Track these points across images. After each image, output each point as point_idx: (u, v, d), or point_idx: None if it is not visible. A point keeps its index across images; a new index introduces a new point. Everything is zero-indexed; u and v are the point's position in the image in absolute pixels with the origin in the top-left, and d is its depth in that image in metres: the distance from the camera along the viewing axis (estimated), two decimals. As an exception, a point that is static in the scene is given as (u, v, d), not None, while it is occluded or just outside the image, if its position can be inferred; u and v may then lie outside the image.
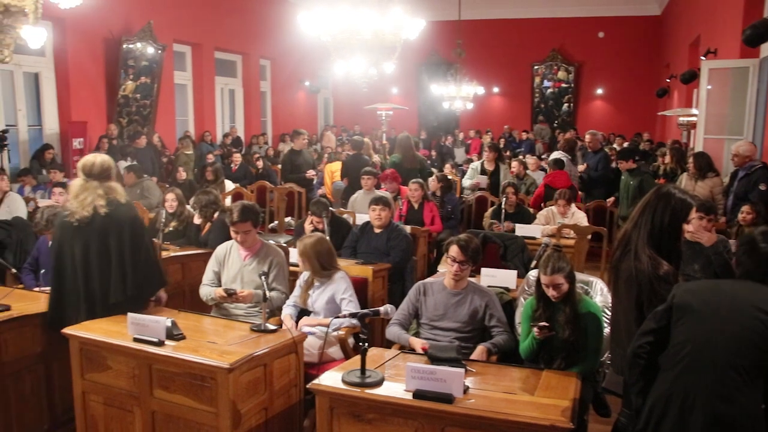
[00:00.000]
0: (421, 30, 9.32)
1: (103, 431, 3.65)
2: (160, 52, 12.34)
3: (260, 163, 11.36)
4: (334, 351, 4.19)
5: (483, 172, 8.96)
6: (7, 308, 3.97)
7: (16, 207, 7.04)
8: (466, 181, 9.12)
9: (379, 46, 9.27)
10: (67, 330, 3.67)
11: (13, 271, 4.63)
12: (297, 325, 4.28)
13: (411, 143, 9.22)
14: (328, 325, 3.77)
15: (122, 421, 3.55)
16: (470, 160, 13.15)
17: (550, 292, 3.61)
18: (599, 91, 19.93)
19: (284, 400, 3.63)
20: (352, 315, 3.36)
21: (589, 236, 6.41)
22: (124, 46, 11.60)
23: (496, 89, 20.49)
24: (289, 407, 3.69)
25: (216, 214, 6.05)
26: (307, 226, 6.04)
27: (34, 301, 4.31)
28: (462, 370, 2.92)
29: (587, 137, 9.93)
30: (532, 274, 4.30)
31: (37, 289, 4.89)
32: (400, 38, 9.19)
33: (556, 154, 8.74)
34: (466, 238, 4.04)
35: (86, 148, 11.02)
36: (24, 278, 5.15)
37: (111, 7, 10.90)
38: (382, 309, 3.28)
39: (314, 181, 9.40)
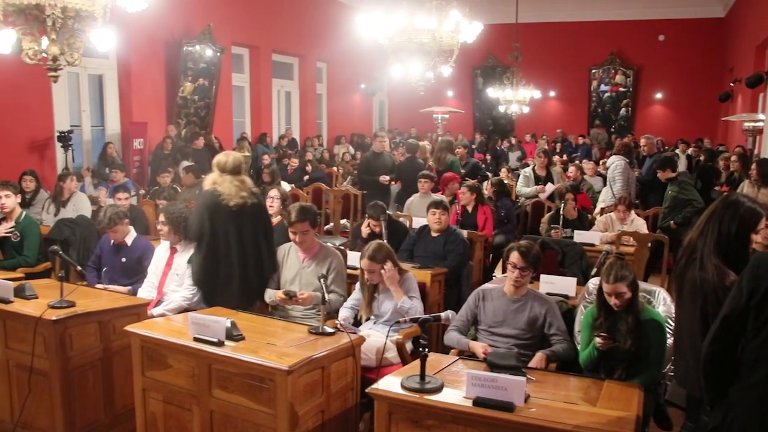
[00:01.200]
0: (478, 33, 9.28)
1: (161, 428, 3.68)
2: (219, 54, 12.53)
3: (309, 167, 11.38)
4: (392, 355, 4.16)
5: (536, 178, 8.80)
6: (72, 305, 4.05)
7: (81, 206, 7.21)
8: (523, 189, 8.97)
9: (436, 50, 9.25)
10: (130, 328, 3.72)
11: (78, 268, 4.73)
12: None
13: (444, 146, 9.18)
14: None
15: (181, 419, 3.57)
16: (526, 165, 13.01)
17: (612, 301, 3.52)
18: (659, 96, 19.50)
19: (341, 403, 3.61)
20: (414, 320, 3.32)
21: (649, 244, 6.26)
22: (185, 48, 11.82)
23: (552, 93, 20.23)
24: (345, 410, 3.66)
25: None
26: (364, 229, 6.03)
27: (97, 298, 4.41)
28: (523, 378, 2.86)
29: (642, 141, 9.71)
30: (593, 282, 4.20)
31: (99, 286, 5.00)
32: (458, 41, 9.15)
33: (613, 159, 8.53)
34: (527, 245, 3.98)
35: (146, 149, 11.27)
36: (87, 276, 5.26)
37: (172, 10, 11.10)
38: (443, 315, 3.23)
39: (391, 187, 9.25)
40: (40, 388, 4.04)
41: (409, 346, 4.33)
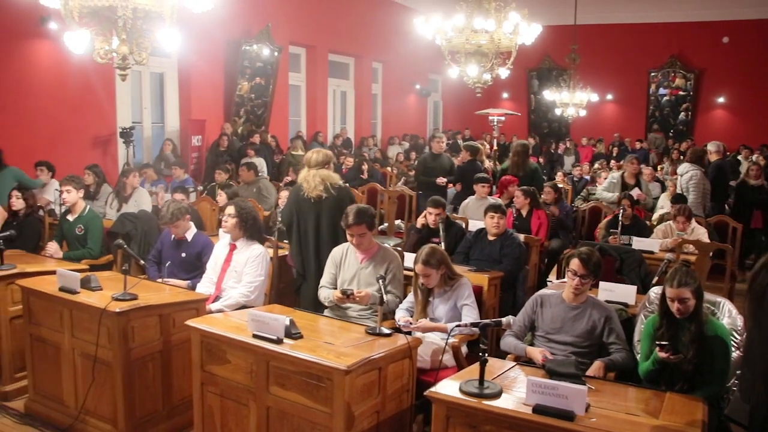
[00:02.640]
0: (536, 35, 9.19)
1: (218, 422, 3.73)
2: (276, 54, 12.68)
3: (365, 167, 11.42)
4: (447, 358, 4.15)
5: (623, 185, 8.58)
6: (135, 297, 4.15)
7: (143, 201, 7.38)
8: (604, 194, 8.79)
9: (494, 51, 9.18)
10: (190, 322, 3.78)
11: (141, 262, 4.85)
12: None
13: (523, 151, 9.00)
14: (446, 331, 3.75)
15: (237, 414, 3.62)
16: (594, 168, 12.85)
17: (675, 307, 3.45)
18: (721, 100, 18.95)
19: (396, 404, 3.61)
20: (474, 324, 3.31)
21: (711, 253, 6.11)
22: (243, 47, 11.99)
23: (609, 96, 19.84)
24: (400, 412, 3.66)
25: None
26: (420, 220, 6.06)
27: (158, 291, 4.51)
28: (585, 387, 2.82)
29: (711, 147, 9.45)
30: (654, 291, 4.12)
31: (159, 280, 5.11)
32: (516, 43, 9.07)
33: (686, 168, 8.22)
34: (588, 252, 3.92)
35: (204, 146, 11.47)
36: (148, 270, 5.38)
37: (232, 10, 11.26)
38: (504, 320, 3.21)
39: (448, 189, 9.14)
40: (102, 377, 4.16)
41: (464, 349, 4.31)
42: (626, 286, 4.70)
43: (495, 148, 13.41)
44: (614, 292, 4.60)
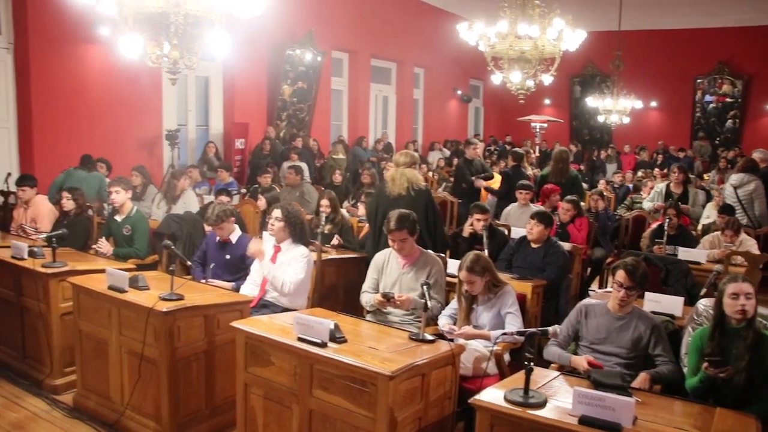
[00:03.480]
0: (581, 41, 9.12)
1: (261, 423, 3.77)
2: (319, 59, 12.78)
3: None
4: (489, 366, 4.12)
5: (668, 195, 8.46)
6: (181, 298, 4.21)
7: (190, 203, 7.50)
8: (646, 203, 8.70)
9: (537, 58, 9.14)
10: (235, 324, 3.83)
11: (188, 263, 4.93)
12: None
13: (564, 157, 8.93)
14: (489, 339, 3.74)
15: (280, 416, 3.65)
16: (637, 176, 12.70)
17: (740, 303, 3.37)
18: (771, 107, 18.50)
19: (438, 411, 3.61)
20: (520, 333, 3.29)
21: (761, 265, 5.99)
22: (287, 52, 12.11)
23: (653, 103, 19.54)
24: (442, 419, 3.66)
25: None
26: (467, 228, 6.07)
27: (203, 292, 4.57)
28: (633, 400, 2.78)
29: (757, 155, 9.25)
30: (703, 303, 4.05)
31: (204, 281, 5.18)
32: (560, 49, 9.01)
33: (742, 178, 8.01)
34: (634, 263, 3.86)
35: (247, 148, 11.60)
36: (193, 270, 5.46)
37: (276, 16, 11.37)
38: (550, 329, 3.19)
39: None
40: (148, 374, 4.23)
41: (506, 357, 4.29)
42: (673, 298, 4.62)
43: (537, 154, 13.31)
44: (661, 303, 4.53)
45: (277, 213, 4.96)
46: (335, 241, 6.33)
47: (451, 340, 3.85)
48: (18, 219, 6.81)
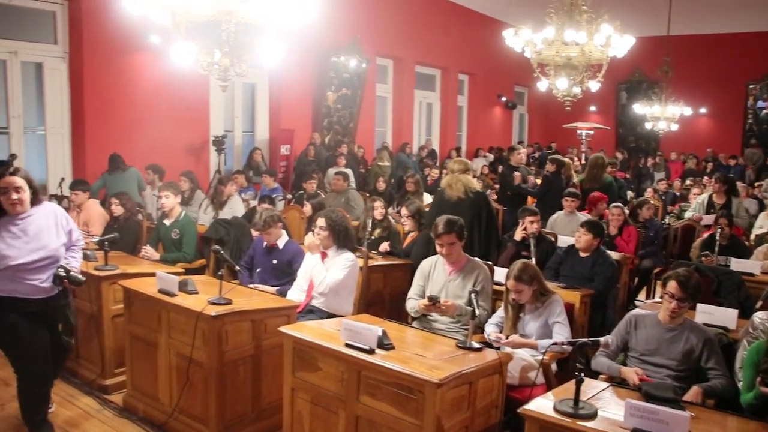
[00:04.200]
0: (629, 47, 9.00)
1: (307, 428, 3.78)
2: (364, 65, 12.84)
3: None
4: (535, 375, 4.09)
5: (710, 206, 8.31)
6: (230, 302, 4.26)
7: (237, 208, 7.60)
8: (688, 214, 8.57)
9: (584, 64, 9.05)
10: (283, 329, 3.87)
11: (237, 268, 4.99)
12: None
13: (600, 163, 8.86)
14: (536, 348, 3.70)
15: (326, 421, 3.67)
16: (669, 185, 12.50)
17: None
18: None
19: (484, 420, 3.59)
20: (571, 343, 3.25)
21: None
22: (332, 59, 12.20)
23: (703, 109, 19.13)
24: (488, 428, 3.63)
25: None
26: (520, 232, 6.09)
27: (250, 297, 4.61)
28: (688, 414, 2.72)
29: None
30: (759, 315, 3.94)
31: (251, 286, 5.23)
32: (607, 56, 8.90)
33: None
34: (686, 273, 3.79)
35: (292, 155, 11.70)
36: (241, 275, 5.52)
37: (322, 22, 11.47)
38: (602, 339, 3.15)
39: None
40: (196, 377, 4.29)
41: (553, 366, 4.25)
42: (726, 310, 4.50)
43: (582, 162, 13.15)
44: (713, 315, 4.42)
45: (321, 222, 4.97)
46: (385, 246, 6.34)
47: (498, 349, 3.82)
48: (71, 223, 6.96)
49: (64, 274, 3.93)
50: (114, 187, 8.03)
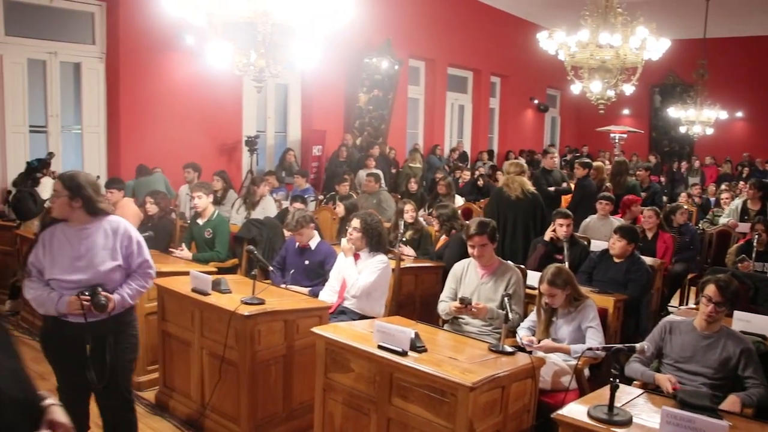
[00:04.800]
0: (664, 50, 8.90)
1: (338, 429, 3.79)
2: (396, 67, 12.84)
3: (481, 182, 11.42)
4: (567, 380, 4.06)
5: (744, 212, 8.18)
6: (262, 302, 4.29)
7: (269, 209, 7.65)
8: (722, 220, 8.46)
9: (619, 67, 8.96)
10: (316, 329, 3.88)
11: (270, 268, 5.02)
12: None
13: (621, 169, 8.80)
14: (569, 353, 3.67)
15: (358, 422, 3.67)
16: (704, 190, 12.33)
17: None
18: None
19: (516, 424, 3.57)
20: (606, 348, 3.22)
21: None
22: (365, 60, 12.22)
23: (739, 113, 18.77)
24: (519, 432, 3.62)
25: (452, 231, 6.18)
26: (549, 233, 6.06)
27: (282, 297, 4.63)
28: (726, 423, 2.67)
29: None
30: (798, 323, 3.88)
31: (283, 286, 5.26)
32: (642, 59, 8.81)
33: None
34: (726, 279, 3.73)
35: (324, 155, 11.74)
36: (273, 275, 5.55)
37: (355, 24, 11.47)
38: (638, 345, 3.12)
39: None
40: (228, 376, 4.32)
41: (585, 372, 4.22)
42: (764, 317, 4.41)
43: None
44: (751, 322, 4.33)
45: (355, 223, 4.99)
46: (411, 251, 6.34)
47: (530, 353, 3.80)
48: (105, 220, 7.05)
49: (88, 295, 3.33)
50: (141, 191, 8.15)
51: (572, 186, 9.63)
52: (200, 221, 6.46)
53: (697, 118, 15.15)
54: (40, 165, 7.63)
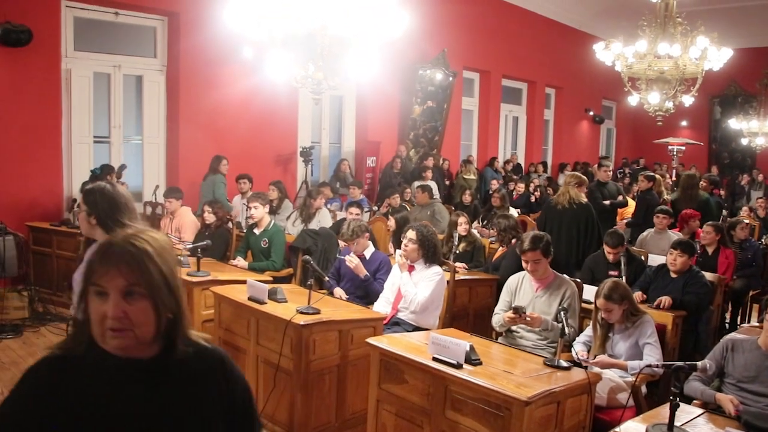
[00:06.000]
0: (726, 60, 8.71)
1: (391, 440, 3.81)
2: (451, 79, 12.85)
3: (537, 193, 11.34)
4: (623, 397, 3.99)
5: None
6: (318, 312, 4.33)
7: (325, 221, 7.72)
8: None
9: (678, 78, 8.81)
10: (371, 340, 3.90)
11: (326, 278, 5.07)
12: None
13: (694, 182, 8.57)
14: (625, 369, 3.61)
15: (411, 433, 3.68)
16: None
17: None
18: None
19: (571, 440, 3.53)
20: (666, 366, 3.15)
21: None
22: (419, 72, 12.26)
23: (807, 125, 18.16)
24: (575, 448, 3.57)
25: (513, 241, 6.14)
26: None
27: (338, 308, 4.67)
28: (792, 446, 2.60)
29: None
30: None
31: (337, 295, 5.30)
32: (702, 69, 8.64)
33: None
34: (792, 295, 3.63)
35: (378, 167, 11.80)
36: (328, 286, 5.59)
37: (410, 35, 11.52)
38: (699, 363, 3.05)
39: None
40: (282, 385, 4.37)
41: (642, 389, 4.14)
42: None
43: (674, 179, 12.75)
44: (818, 342, 4.19)
45: (411, 235, 5.00)
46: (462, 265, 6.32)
47: (586, 368, 3.75)
48: (164, 229, 7.26)
49: None
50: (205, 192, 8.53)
51: (628, 199, 9.48)
52: (257, 231, 6.57)
53: (761, 130, 14.76)
54: (103, 173, 7.84)
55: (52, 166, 8.05)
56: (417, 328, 4.77)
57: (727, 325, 6.96)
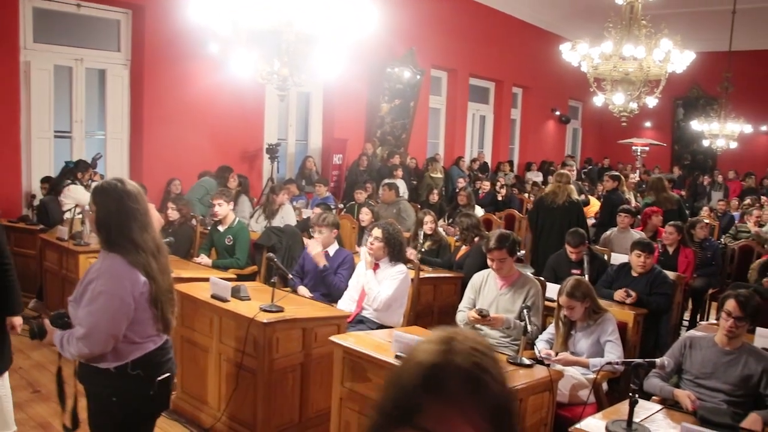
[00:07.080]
0: (689, 63, 8.84)
1: (354, 438, 3.80)
2: (418, 77, 12.86)
3: (504, 192, 11.41)
4: (585, 393, 4.03)
5: None
6: (281, 310, 4.30)
7: (289, 217, 7.67)
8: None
9: (642, 79, 8.91)
10: (334, 338, 3.89)
11: (290, 276, 5.03)
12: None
13: (663, 185, 8.70)
14: (587, 366, 3.65)
15: (374, 432, 3.66)
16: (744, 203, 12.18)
17: None
18: None
19: (533, 437, 3.55)
20: (626, 363, 3.19)
21: None
22: (387, 70, 12.25)
23: (764, 127, 18.52)
24: (537, 446, 3.60)
25: (476, 239, 6.16)
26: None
27: (301, 305, 4.65)
28: (746, 441, 2.65)
29: None
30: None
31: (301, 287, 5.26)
32: (666, 71, 8.76)
33: None
34: (747, 294, 3.70)
35: (344, 164, 11.76)
36: (292, 283, 5.56)
37: (378, 33, 11.50)
38: (658, 360, 3.09)
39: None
40: (245, 383, 4.33)
41: (603, 386, 4.18)
42: (787, 335, 4.37)
43: (638, 179, 12.88)
44: (773, 339, 4.29)
45: (377, 233, 4.99)
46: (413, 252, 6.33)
47: (548, 366, 3.78)
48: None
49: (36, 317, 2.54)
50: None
51: (590, 198, 9.57)
52: (221, 228, 6.50)
53: (721, 132, 15.01)
54: (76, 167, 7.67)
55: (10, 162, 7.88)
56: (381, 326, 4.76)
57: (686, 323, 7.08)
